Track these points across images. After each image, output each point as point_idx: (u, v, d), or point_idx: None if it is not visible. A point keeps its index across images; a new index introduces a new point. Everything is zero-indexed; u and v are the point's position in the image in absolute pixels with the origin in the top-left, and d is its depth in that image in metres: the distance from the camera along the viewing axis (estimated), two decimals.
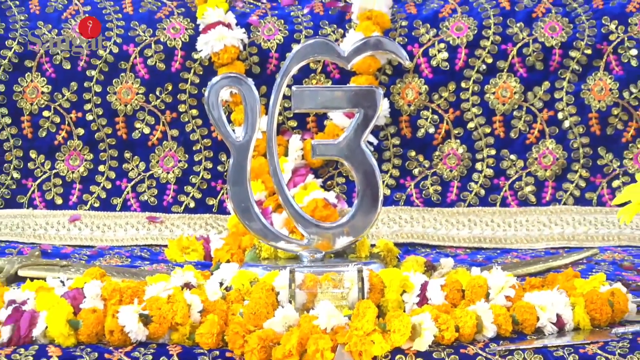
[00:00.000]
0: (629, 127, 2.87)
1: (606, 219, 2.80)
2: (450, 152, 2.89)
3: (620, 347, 2.12)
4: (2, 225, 2.85)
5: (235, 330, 2.12)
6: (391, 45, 2.47)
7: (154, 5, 2.97)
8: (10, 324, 2.16)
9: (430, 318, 2.13)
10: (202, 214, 2.86)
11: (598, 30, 2.90)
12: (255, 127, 2.33)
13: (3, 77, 2.89)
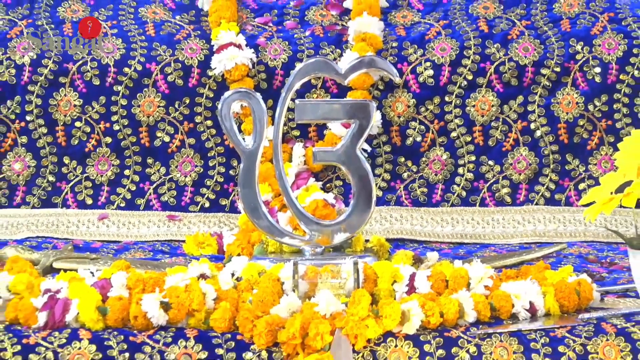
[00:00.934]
0: (593, 136, 2.87)
1: (573, 217, 2.80)
2: (435, 158, 2.88)
3: (586, 330, 2.12)
4: (39, 222, 2.84)
5: (245, 316, 2.12)
6: (383, 64, 2.47)
7: (173, 28, 2.97)
8: (46, 310, 2.15)
9: (417, 305, 2.13)
10: (216, 213, 2.86)
11: (566, 50, 2.90)
12: (262, 136, 2.33)
13: (40, 92, 2.89)
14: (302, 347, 2.08)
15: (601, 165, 2.84)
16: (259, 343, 2.09)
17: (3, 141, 2.89)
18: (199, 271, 2.25)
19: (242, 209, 2.43)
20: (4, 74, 2.90)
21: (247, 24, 3.00)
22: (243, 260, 2.31)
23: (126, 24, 2.97)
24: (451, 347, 2.11)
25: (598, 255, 2.62)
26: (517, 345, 2.10)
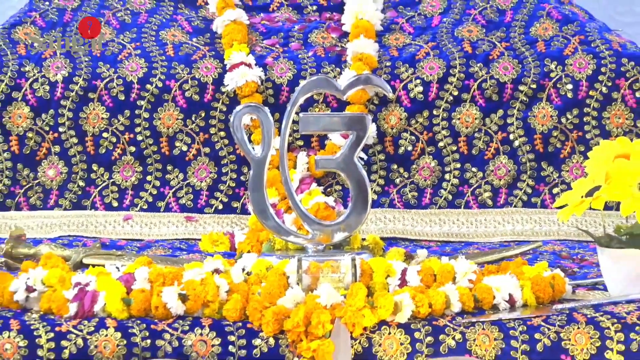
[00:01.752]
0: (565, 146, 2.87)
1: (548, 218, 2.80)
2: (424, 165, 2.88)
3: (559, 320, 2.12)
4: (71, 223, 2.84)
5: (254, 307, 2.12)
6: (378, 81, 2.47)
7: (191, 49, 2.97)
8: (76, 301, 2.15)
9: (409, 297, 2.13)
10: (228, 214, 2.86)
11: (541, 69, 2.90)
12: (270, 146, 2.33)
13: (71, 106, 2.89)
14: (305, 334, 2.08)
15: (573, 172, 2.84)
16: (266, 331, 2.10)
17: (38, 150, 2.89)
18: (213, 266, 2.25)
19: (252, 211, 2.43)
20: (39, 90, 2.90)
21: (257, 45, 3.00)
22: (252, 256, 2.31)
23: (148, 46, 2.97)
24: (439, 334, 2.11)
25: (570, 252, 2.62)
26: (498, 332, 2.10)
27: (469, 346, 2.10)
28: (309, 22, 3.08)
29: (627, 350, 2.11)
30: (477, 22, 3.01)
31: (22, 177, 2.89)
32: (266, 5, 3.13)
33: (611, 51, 2.90)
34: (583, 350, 2.10)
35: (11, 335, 2.13)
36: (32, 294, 2.22)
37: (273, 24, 3.08)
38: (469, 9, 3.06)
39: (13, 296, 2.22)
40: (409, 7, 3.09)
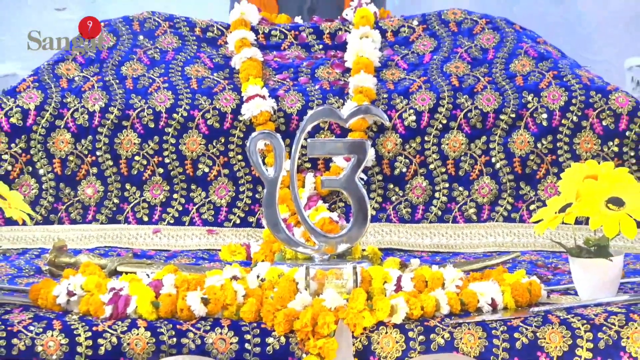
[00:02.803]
0: (541, 168, 2.87)
1: (526, 231, 2.79)
2: (417, 185, 2.88)
3: (536, 321, 2.11)
4: (107, 235, 2.84)
5: (267, 309, 2.12)
6: (376, 111, 2.47)
7: (212, 83, 2.98)
8: (111, 304, 2.15)
9: (403, 301, 2.13)
10: (245, 228, 2.86)
11: (520, 100, 2.90)
12: (282, 168, 2.33)
13: (107, 133, 2.89)
14: (312, 333, 2.08)
15: (547, 191, 2.84)
16: (278, 330, 2.10)
17: (78, 171, 2.90)
18: (232, 274, 2.25)
19: (266, 225, 2.43)
20: (79, 119, 2.90)
21: (270, 79, 3.01)
22: (266, 265, 2.31)
23: (175, 80, 2.98)
24: (430, 333, 2.11)
25: (545, 261, 2.62)
26: (482, 332, 2.10)
27: (456, 344, 2.10)
28: (316, 59, 3.09)
29: (596, 348, 2.11)
30: (463, 59, 3.01)
31: (64, 195, 2.89)
32: (278, 44, 3.14)
33: (581, 85, 2.91)
34: (557, 348, 2.10)
35: (54, 334, 2.13)
36: (72, 298, 2.22)
37: (284, 60, 3.08)
38: (456, 48, 3.06)
39: (56, 299, 2.23)
40: (403, 46, 3.10)
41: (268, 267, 2.28)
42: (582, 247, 2.27)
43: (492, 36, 3.06)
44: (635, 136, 2.85)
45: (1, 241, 2.64)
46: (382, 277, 2.23)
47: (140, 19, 3.14)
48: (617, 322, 2.13)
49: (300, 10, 3.69)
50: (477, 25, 3.09)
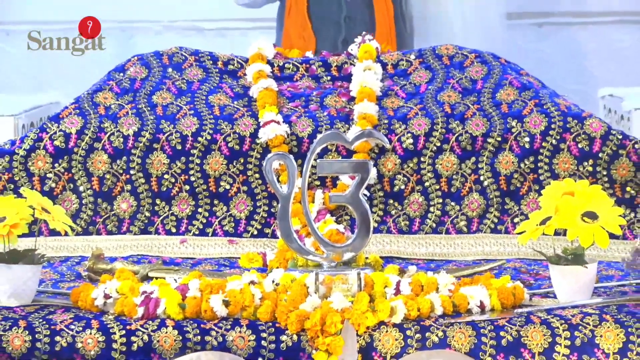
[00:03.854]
0: (524, 185, 2.86)
1: (510, 242, 2.79)
2: (414, 201, 2.88)
3: (519, 321, 2.12)
4: (139, 245, 2.84)
5: (282, 310, 2.12)
6: (378, 135, 2.48)
7: (233, 110, 2.98)
8: (143, 306, 2.16)
9: (402, 303, 2.13)
10: (261, 238, 2.85)
11: (505, 125, 2.90)
12: (294, 185, 2.34)
13: (140, 154, 2.90)
14: (321, 331, 2.08)
15: (529, 206, 2.83)
16: (291, 329, 2.10)
17: (114, 188, 2.90)
18: (250, 279, 2.25)
19: (280, 236, 2.43)
20: (115, 141, 2.91)
21: (284, 107, 3.01)
22: (280, 271, 2.31)
23: (200, 107, 2.98)
24: (425, 332, 2.11)
25: (528, 268, 2.62)
26: (472, 331, 2.10)
27: (449, 342, 2.10)
28: (325, 89, 3.09)
29: (573, 345, 2.11)
30: (455, 89, 3.01)
31: (101, 209, 2.89)
32: (291, 76, 3.14)
33: (559, 112, 2.90)
34: (538, 345, 2.10)
35: (92, 332, 2.13)
36: (108, 300, 2.23)
37: (296, 90, 3.09)
38: (448, 79, 3.06)
39: (94, 302, 2.23)
40: (402, 78, 3.10)
41: (282, 273, 2.28)
42: (561, 256, 2.27)
43: (481, 69, 3.06)
44: (607, 157, 2.85)
45: (46, 250, 2.65)
46: (383, 282, 2.23)
47: (169, 54, 3.15)
48: (591, 322, 2.13)
49: (334, 42, 3.71)
50: (467, 59, 3.09)
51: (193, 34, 4.58)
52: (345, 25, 3.75)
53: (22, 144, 2.91)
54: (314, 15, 3.75)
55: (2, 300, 2.26)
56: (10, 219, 2.26)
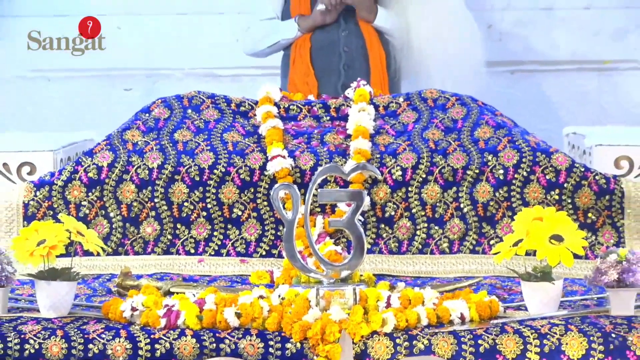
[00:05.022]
0: (498, 211, 2.86)
1: (487, 261, 2.79)
2: (402, 225, 2.88)
3: (495, 330, 2.11)
4: (162, 264, 2.84)
5: (287, 321, 2.12)
6: (371, 168, 2.49)
7: (244, 146, 2.99)
8: (165, 317, 2.16)
9: (392, 315, 2.13)
10: (269, 258, 2.85)
11: (482, 160, 2.90)
12: (298, 211, 2.34)
13: (163, 185, 2.90)
14: (321, 340, 2.08)
15: (504, 229, 2.83)
16: (295, 338, 2.10)
17: (140, 214, 2.90)
18: (259, 294, 2.25)
19: (285, 256, 2.44)
20: (142, 173, 2.91)
21: (289, 143, 3.02)
22: (286, 287, 2.31)
23: (215, 144, 2.99)
24: (413, 340, 2.10)
25: (502, 284, 2.61)
26: (453, 339, 2.10)
27: (434, 349, 2.10)
28: (325, 127, 3.10)
29: (542, 352, 2.11)
30: (438, 128, 3.02)
31: (129, 232, 2.90)
32: (295, 116, 3.15)
33: (529, 147, 2.91)
34: (511, 352, 2.10)
35: (121, 341, 2.13)
36: (135, 312, 2.23)
37: (300, 129, 3.10)
38: (432, 119, 3.07)
39: (122, 313, 2.23)
40: (392, 118, 3.10)
41: (287, 289, 2.28)
42: (531, 273, 2.27)
43: (461, 110, 3.07)
44: (572, 187, 2.85)
45: (80, 268, 2.65)
46: (376, 297, 2.23)
47: (189, 97, 3.16)
48: (558, 331, 2.13)
49: (335, 86, 3.74)
50: (449, 102, 3.10)
51: (210, 79, 4.59)
52: (344, 73, 3.77)
53: (60, 176, 2.92)
54: (316, 64, 3.77)
55: (42, 312, 2.26)
56: (49, 242, 2.27)
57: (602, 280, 2.22)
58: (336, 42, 3.78)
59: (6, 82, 4.66)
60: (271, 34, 3.85)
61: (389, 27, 3.78)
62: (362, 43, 3.78)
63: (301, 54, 3.77)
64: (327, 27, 3.78)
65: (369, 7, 3.76)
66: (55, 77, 4.67)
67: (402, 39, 3.76)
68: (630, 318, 2.19)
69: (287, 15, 3.85)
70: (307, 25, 3.77)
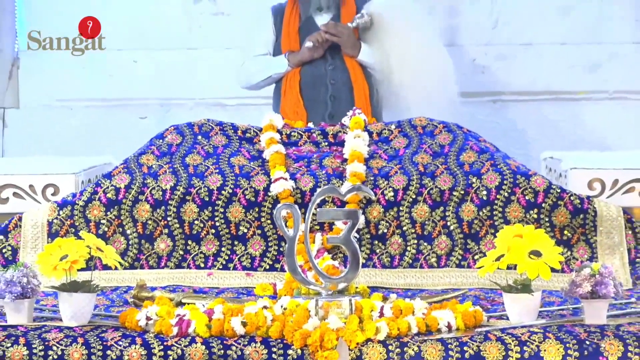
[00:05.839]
0: (482, 229, 2.86)
1: (472, 274, 2.79)
2: (394, 242, 2.88)
3: (479, 338, 2.11)
4: (174, 277, 2.84)
5: (288, 329, 2.12)
6: (365, 189, 2.50)
7: (249, 169, 2.99)
8: (177, 326, 2.16)
9: (385, 323, 2.13)
10: (272, 272, 2.85)
11: (467, 181, 2.91)
12: (299, 229, 2.34)
13: (175, 204, 2.90)
14: (320, 347, 2.08)
15: (487, 246, 2.83)
16: (296, 345, 2.10)
17: (154, 232, 2.90)
18: (263, 304, 2.25)
19: (287, 270, 2.44)
20: (156, 194, 2.91)
21: (290, 166, 3.02)
22: (287, 298, 2.31)
23: (223, 167, 2.99)
24: (404, 347, 2.10)
25: (486, 295, 2.61)
26: (441, 346, 2.10)
27: (423, 354, 2.10)
28: (323, 152, 3.11)
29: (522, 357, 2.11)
30: (427, 152, 3.03)
31: (144, 248, 2.90)
32: (296, 142, 3.16)
33: (510, 171, 2.92)
34: (494, 357, 2.10)
35: (136, 348, 2.13)
36: (149, 321, 2.23)
37: (300, 153, 3.10)
38: (422, 145, 3.07)
39: (138, 322, 2.23)
40: (384, 144, 3.11)
41: (289, 300, 2.28)
42: (512, 286, 2.27)
43: (447, 136, 3.08)
44: (549, 207, 2.86)
45: (100, 281, 2.65)
46: (370, 307, 2.23)
47: (199, 124, 3.17)
48: (537, 339, 2.13)
49: (323, 116, 3.76)
50: (437, 129, 3.11)
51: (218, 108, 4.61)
52: (331, 103, 3.80)
53: (81, 197, 2.93)
54: (305, 95, 3.81)
55: (65, 321, 2.26)
56: (71, 257, 2.27)
57: (577, 292, 2.23)
58: (323, 75, 3.82)
59: (33, 111, 4.67)
60: (264, 69, 3.89)
61: (371, 62, 3.81)
62: (347, 76, 3.81)
63: (291, 86, 3.81)
64: (315, 62, 3.82)
65: (352, 44, 3.80)
66: (76, 106, 4.69)
67: (382, 72, 3.80)
68: (603, 326, 2.19)
69: (278, 51, 3.88)
70: (296, 60, 3.81)
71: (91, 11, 4.30)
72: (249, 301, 2.35)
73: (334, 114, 3.49)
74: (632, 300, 2.50)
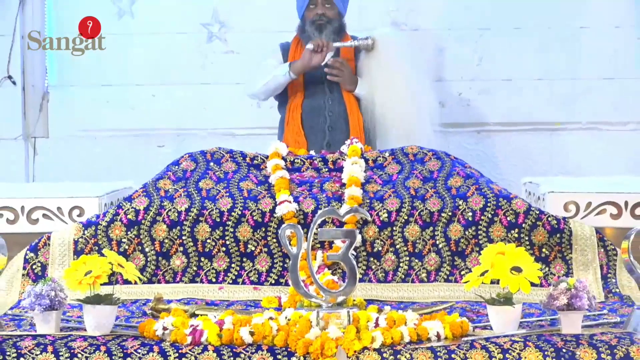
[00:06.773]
0: (468, 247, 2.86)
1: (459, 289, 2.78)
2: (388, 259, 2.88)
3: (466, 346, 2.11)
4: (188, 291, 2.83)
5: (292, 338, 2.12)
6: (362, 211, 2.50)
7: (257, 192, 2.99)
8: (191, 335, 2.15)
9: (380, 333, 2.13)
10: (278, 286, 2.84)
11: (454, 204, 2.91)
12: (301, 247, 2.34)
13: (189, 225, 2.90)
14: (321, 354, 2.08)
15: (472, 262, 2.82)
16: (299, 352, 2.09)
17: (170, 249, 2.90)
18: (269, 316, 2.25)
19: (291, 284, 2.43)
20: (172, 215, 2.92)
21: (294, 190, 3.02)
22: (291, 310, 2.31)
23: (233, 191, 3.00)
24: (397, 355, 2.10)
25: (472, 308, 2.61)
26: (431, 354, 2.09)
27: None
28: (324, 177, 3.11)
29: None
30: (418, 178, 3.03)
31: (161, 265, 2.89)
32: (299, 168, 3.16)
33: (493, 194, 2.92)
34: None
35: (154, 355, 2.13)
36: (166, 331, 2.22)
37: (303, 178, 3.11)
38: (413, 170, 3.08)
39: (155, 332, 2.23)
40: (379, 170, 3.12)
41: (292, 311, 2.28)
42: (495, 299, 2.27)
43: (436, 163, 3.09)
44: (529, 227, 2.86)
45: (120, 294, 2.65)
46: (366, 318, 2.23)
47: (211, 152, 3.18)
48: (518, 347, 2.13)
49: (321, 144, 3.79)
50: (427, 156, 3.12)
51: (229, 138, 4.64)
52: (329, 133, 3.84)
53: (104, 218, 2.93)
54: (305, 125, 3.85)
55: (89, 331, 2.26)
56: (95, 272, 2.28)
57: (554, 304, 2.23)
58: (322, 107, 3.86)
59: (61, 140, 4.70)
60: (266, 75, 3.89)
61: (362, 94, 3.85)
62: (344, 108, 3.86)
63: (294, 117, 3.86)
64: (315, 95, 3.86)
65: (350, 80, 3.84)
66: (100, 136, 4.71)
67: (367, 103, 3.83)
68: (578, 336, 2.19)
69: None
70: (298, 66, 3.83)
71: (115, 51, 4.35)
72: (256, 313, 2.35)
73: (331, 142, 3.52)
74: (605, 312, 2.50)
